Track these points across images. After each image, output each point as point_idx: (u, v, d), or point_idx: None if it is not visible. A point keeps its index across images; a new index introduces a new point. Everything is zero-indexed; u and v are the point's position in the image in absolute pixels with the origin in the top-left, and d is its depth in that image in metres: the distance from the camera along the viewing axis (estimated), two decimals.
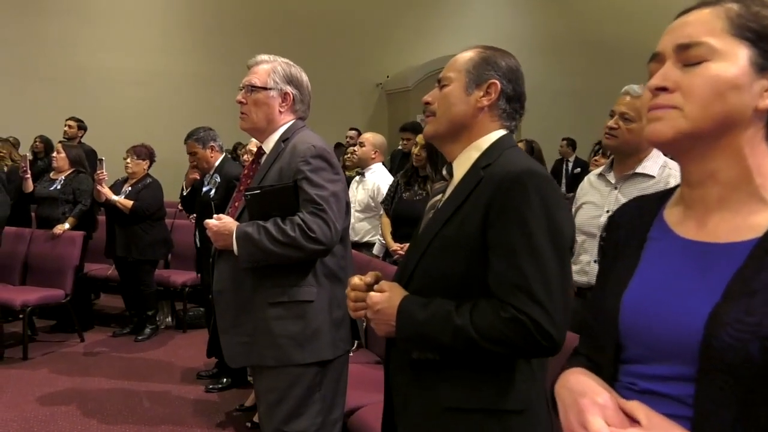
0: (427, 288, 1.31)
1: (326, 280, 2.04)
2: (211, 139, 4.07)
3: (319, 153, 2.01)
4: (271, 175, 2.05)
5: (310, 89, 2.21)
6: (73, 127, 6.67)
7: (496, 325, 1.20)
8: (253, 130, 2.16)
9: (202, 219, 4.06)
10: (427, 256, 1.34)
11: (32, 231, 5.13)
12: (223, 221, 2.02)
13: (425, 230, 1.39)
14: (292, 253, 1.94)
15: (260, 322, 2.00)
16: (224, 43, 9.29)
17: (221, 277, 2.07)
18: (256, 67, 2.14)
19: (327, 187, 1.99)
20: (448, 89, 1.40)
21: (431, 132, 1.43)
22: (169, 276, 5.36)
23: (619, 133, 2.32)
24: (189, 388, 4.02)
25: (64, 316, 5.09)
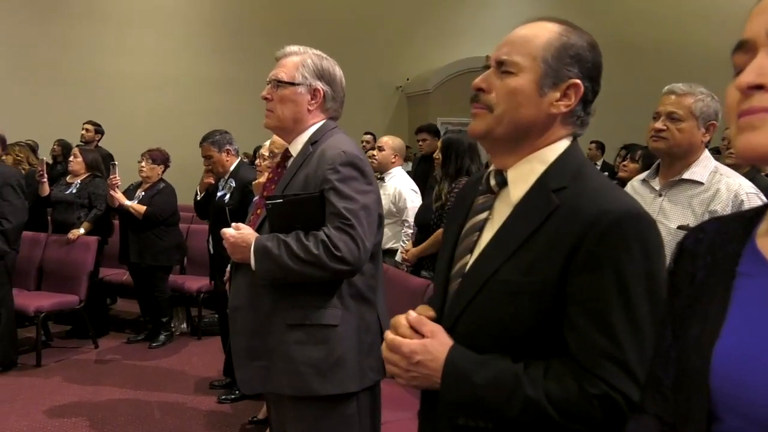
0: (478, 338, 1.07)
1: (353, 302, 1.83)
2: (227, 143, 3.98)
3: (350, 160, 1.80)
4: (296, 183, 1.85)
5: (344, 85, 1.98)
6: (90, 130, 6.66)
7: (579, 401, 0.99)
8: (279, 129, 1.96)
9: (216, 224, 4.02)
10: (480, 302, 1.09)
11: (47, 235, 5.09)
12: (242, 232, 1.83)
13: (477, 267, 1.12)
14: (314, 272, 1.74)
15: (279, 345, 1.80)
16: (242, 47, 9.25)
17: (238, 292, 1.89)
18: (284, 59, 1.94)
19: (357, 198, 1.78)
20: (514, 81, 1.10)
21: (483, 130, 1.13)
22: (184, 282, 5.29)
23: (669, 135, 2.15)
24: (202, 399, 3.92)
25: (78, 321, 5.04)
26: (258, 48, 9.27)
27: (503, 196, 1.15)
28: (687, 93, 2.17)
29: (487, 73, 1.15)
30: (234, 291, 1.92)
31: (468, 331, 1.09)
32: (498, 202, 1.16)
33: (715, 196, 2.10)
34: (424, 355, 1.07)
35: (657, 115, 2.21)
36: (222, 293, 3.82)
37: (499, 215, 1.14)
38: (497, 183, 1.16)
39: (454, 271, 1.18)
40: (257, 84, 1.99)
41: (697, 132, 2.16)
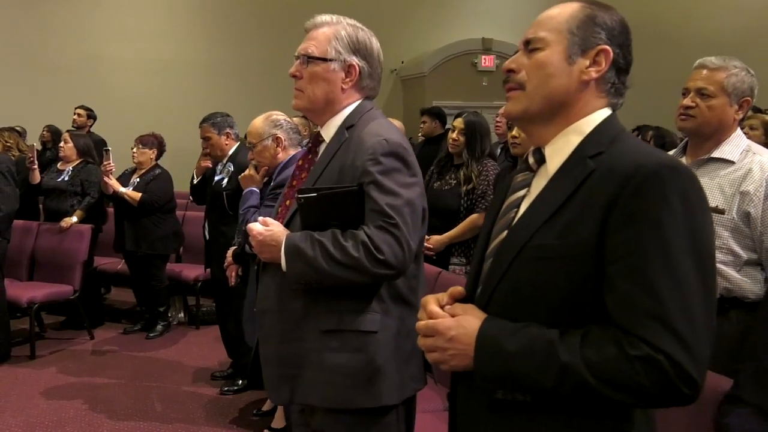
0: (514, 310, 1.04)
1: (393, 306, 1.64)
2: (228, 126, 3.85)
3: (393, 149, 1.60)
4: (329, 173, 1.65)
5: (382, 59, 1.76)
6: (82, 115, 6.47)
7: (620, 365, 0.93)
8: (309, 111, 1.75)
9: (213, 210, 3.90)
10: (515, 270, 1.06)
11: (39, 224, 4.94)
12: (271, 229, 1.65)
13: (512, 237, 1.10)
14: (353, 276, 1.56)
15: (310, 353, 1.63)
16: (235, 29, 9.05)
17: (265, 294, 1.71)
18: (315, 31, 1.71)
19: (401, 193, 1.58)
20: (542, 55, 1.10)
21: (519, 110, 1.12)
22: (181, 270, 5.16)
23: (698, 112, 2.03)
24: (203, 390, 3.82)
25: (73, 312, 4.91)
26: (251, 31, 9.09)
27: (541, 172, 1.14)
28: (719, 67, 2.05)
29: (515, 56, 1.16)
30: (261, 293, 1.75)
31: (503, 303, 1.07)
32: (536, 179, 1.15)
33: (747, 175, 2.00)
34: (457, 330, 1.05)
35: (686, 91, 2.10)
36: (219, 281, 3.71)
37: (536, 190, 1.13)
38: (536, 160, 1.15)
39: (489, 251, 1.16)
40: (249, 67, 1.81)
41: (729, 109, 2.05)
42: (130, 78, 8.64)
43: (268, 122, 2.98)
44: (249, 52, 9.00)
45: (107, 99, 7.91)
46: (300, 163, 1.83)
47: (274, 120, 2.98)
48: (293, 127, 3.05)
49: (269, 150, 2.96)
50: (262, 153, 2.98)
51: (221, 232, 3.71)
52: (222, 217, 3.70)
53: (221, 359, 4.22)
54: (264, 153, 2.97)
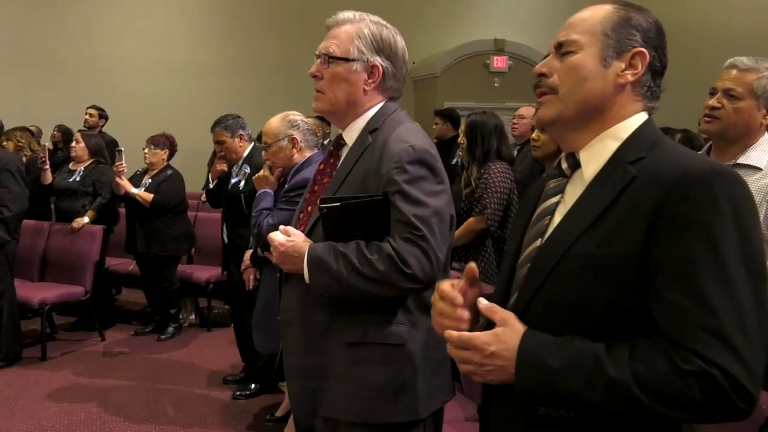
0: (554, 321, 1.00)
1: (421, 316, 1.57)
2: (240, 128, 3.79)
3: (420, 156, 1.52)
4: (352, 179, 1.58)
5: (407, 59, 1.68)
6: (94, 115, 6.45)
7: (672, 380, 0.89)
8: (330, 113, 1.68)
9: (231, 212, 3.85)
10: (554, 279, 1.02)
11: (51, 224, 4.91)
12: (293, 239, 1.59)
13: (550, 245, 1.06)
14: (379, 290, 1.50)
15: (335, 366, 1.58)
16: (248, 29, 9.01)
17: (288, 305, 1.67)
18: (337, 29, 1.64)
19: (428, 203, 1.51)
20: (576, 58, 1.07)
21: (552, 116, 1.09)
22: (192, 272, 5.12)
23: (723, 114, 1.96)
24: (216, 394, 3.77)
25: (84, 312, 4.88)
26: (264, 30, 9.05)
27: (576, 179, 1.11)
28: (750, 68, 1.97)
29: (546, 59, 1.13)
30: (284, 304, 1.70)
31: (543, 314, 1.02)
32: (570, 185, 1.11)
33: None
34: (497, 345, 1.00)
35: (713, 90, 2.02)
36: (236, 284, 3.66)
37: (571, 197, 1.09)
38: (569, 166, 1.12)
39: (522, 259, 1.13)
40: (261, 67, 1.73)
41: (757, 113, 1.97)
42: (141, 78, 8.62)
43: (285, 122, 2.90)
44: (261, 52, 8.96)
45: (119, 99, 7.90)
46: (321, 167, 1.77)
47: (291, 120, 2.91)
48: (310, 128, 2.98)
49: (285, 151, 2.89)
50: (278, 154, 2.91)
51: (239, 235, 3.66)
52: (240, 219, 3.65)
53: (233, 362, 4.17)
54: (279, 154, 2.90)
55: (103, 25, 8.56)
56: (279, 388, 3.60)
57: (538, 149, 2.76)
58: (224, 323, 5.04)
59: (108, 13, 8.60)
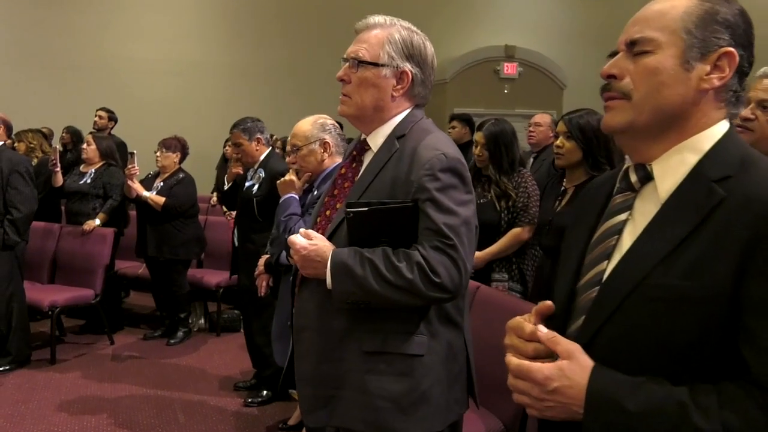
0: (624, 356, 0.91)
1: (441, 327, 1.56)
2: (258, 131, 3.75)
3: (452, 165, 1.51)
4: (378, 185, 1.55)
5: (435, 66, 1.67)
6: (103, 117, 6.42)
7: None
8: (356, 118, 1.64)
9: (244, 216, 3.80)
10: (627, 311, 0.91)
11: (61, 227, 4.88)
12: (315, 243, 1.54)
13: (622, 271, 0.95)
14: (405, 298, 1.47)
15: (351, 374, 1.55)
16: (259, 32, 8.99)
17: (304, 311, 1.63)
18: (366, 33, 1.60)
19: (458, 212, 1.49)
20: (653, 60, 0.95)
21: (622, 123, 0.98)
22: (203, 276, 5.08)
23: (756, 126, 1.92)
24: (227, 400, 3.73)
25: (93, 315, 4.84)
26: (275, 33, 9.03)
27: (647, 194, 0.99)
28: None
29: (616, 59, 1.00)
30: (300, 309, 1.66)
31: (611, 348, 0.92)
32: (640, 201, 1.00)
33: None
34: (561, 381, 0.91)
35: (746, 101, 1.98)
36: (246, 289, 3.62)
37: (642, 215, 0.98)
38: (639, 179, 1.00)
39: (584, 282, 1.02)
40: (272, 70, 1.69)
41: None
42: (152, 80, 8.61)
43: (317, 125, 2.79)
44: (272, 55, 8.94)
45: (129, 101, 7.89)
46: (342, 171, 1.73)
47: (323, 123, 2.80)
48: (341, 133, 2.88)
49: (315, 155, 2.77)
50: (308, 158, 2.78)
51: (251, 239, 3.62)
52: (252, 223, 3.61)
53: (244, 368, 4.13)
54: (309, 158, 2.78)
55: (114, 28, 8.56)
56: (290, 395, 3.56)
57: (561, 157, 2.71)
58: (234, 328, 5.00)
59: (119, 16, 8.60)
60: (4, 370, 4.05)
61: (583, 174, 2.65)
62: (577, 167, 2.67)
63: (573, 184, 2.68)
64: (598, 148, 2.60)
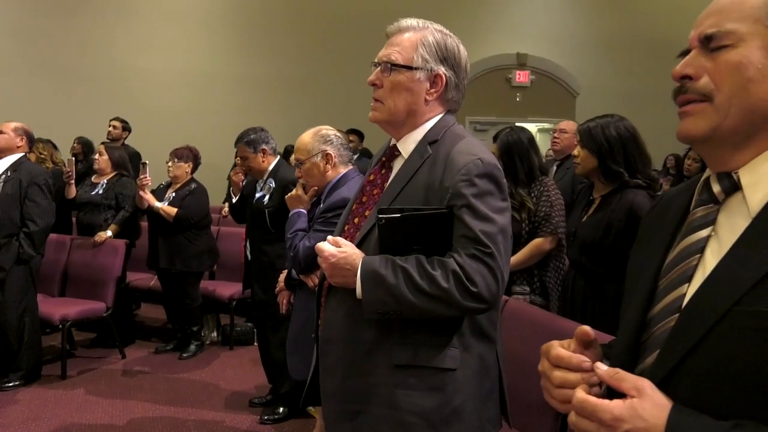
0: (710, 394, 0.79)
1: (474, 341, 1.50)
2: (263, 142, 3.67)
3: (488, 170, 1.46)
4: (410, 191, 1.49)
5: (469, 70, 1.61)
6: (117, 127, 6.37)
7: None
8: (388, 123, 1.58)
9: (255, 228, 3.71)
10: (714, 342, 0.80)
11: (72, 238, 4.81)
12: (344, 250, 1.47)
13: (707, 295, 0.82)
14: (439, 309, 1.41)
15: (379, 388, 1.47)
16: (272, 42, 8.96)
17: (332, 321, 1.56)
18: (399, 36, 1.55)
19: (495, 219, 1.44)
20: (736, 54, 0.85)
21: (705, 130, 0.87)
22: (215, 288, 4.99)
23: None
24: (242, 418, 3.62)
25: (104, 328, 4.76)
26: (288, 43, 8.99)
27: (733, 206, 0.87)
28: None
29: (689, 57, 0.89)
30: (327, 319, 1.59)
31: (694, 386, 0.79)
32: (725, 215, 0.87)
33: None
34: (633, 423, 0.77)
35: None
36: (261, 303, 3.53)
37: (728, 230, 0.85)
38: (723, 189, 0.87)
39: (659, 309, 0.89)
40: (284, 81, 1.61)
41: None
42: (162, 90, 8.58)
43: (318, 137, 2.76)
44: (283, 65, 8.89)
45: (141, 111, 7.84)
46: (371, 178, 1.67)
47: (324, 135, 2.77)
48: (344, 142, 2.84)
49: (318, 167, 2.74)
50: (311, 171, 2.76)
51: (263, 252, 3.53)
52: (264, 235, 3.52)
53: (258, 383, 4.03)
54: (313, 171, 2.75)
55: (124, 38, 8.55)
56: (309, 412, 3.45)
57: (578, 166, 2.63)
58: (247, 341, 4.90)
59: (130, 26, 8.59)
60: (14, 385, 3.97)
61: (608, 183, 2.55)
62: (595, 174, 2.58)
63: (600, 194, 2.58)
64: (610, 155, 2.50)
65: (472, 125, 9.63)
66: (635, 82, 10.65)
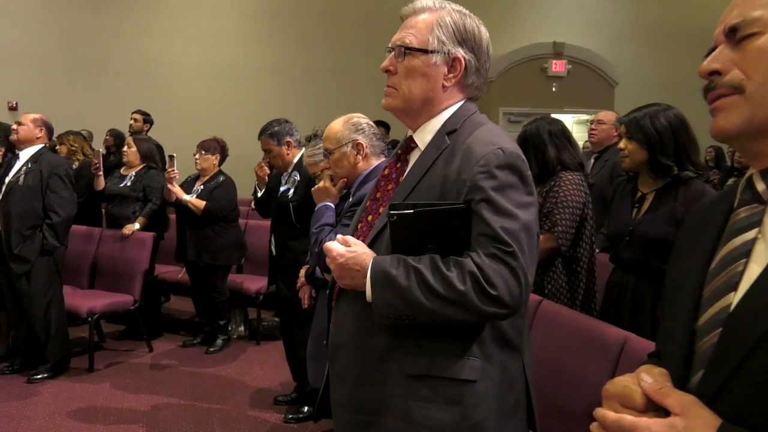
0: (762, 411, 0.72)
1: (496, 349, 1.37)
2: (287, 134, 3.58)
3: (510, 161, 1.33)
4: (426, 185, 1.38)
5: (491, 53, 1.46)
6: (138, 120, 6.35)
7: None
8: (403, 112, 1.46)
9: (279, 223, 3.62)
10: (762, 358, 0.73)
11: (101, 231, 4.81)
12: (354, 250, 1.37)
13: (753, 305, 0.76)
14: (455, 313, 1.28)
15: (393, 399, 1.36)
16: (300, 33, 8.88)
17: (341, 325, 1.46)
18: (413, 18, 1.43)
19: (517, 215, 1.30)
20: (763, 41, 0.80)
21: (738, 124, 0.82)
22: (242, 282, 4.94)
23: None
24: (266, 415, 3.55)
25: (133, 321, 4.75)
26: (316, 34, 8.91)
27: None
28: None
29: (715, 53, 0.86)
30: (337, 323, 1.48)
31: (743, 399, 0.73)
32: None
33: None
34: None
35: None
36: (286, 299, 3.44)
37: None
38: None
39: (704, 321, 0.83)
40: (317, 72, 1.49)
41: None
42: (195, 82, 8.58)
43: (348, 126, 2.56)
44: (317, 56, 8.81)
45: (170, 103, 7.86)
46: (386, 172, 1.55)
47: (355, 123, 2.57)
48: (376, 132, 2.64)
49: (348, 158, 2.54)
50: (340, 162, 2.56)
51: (288, 247, 3.44)
52: (289, 230, 3.43)
53: (284, 380, 3.96)
54: (342, 162, 2.56)
55: (155, 31, 8.56)
56: None
57: (626, 160, 2.44)
58: (274, 336, 4.84)
59: (160, 19, 8.60)
60: (42, 377, 3.97)
61: (657, 178, 2.36)
62: (645, 169, 2.39)
63: (652, 189, 2.39)
64: (660, 147, 2.30)
65: (506, 116, 9.42)
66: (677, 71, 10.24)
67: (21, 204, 3.85)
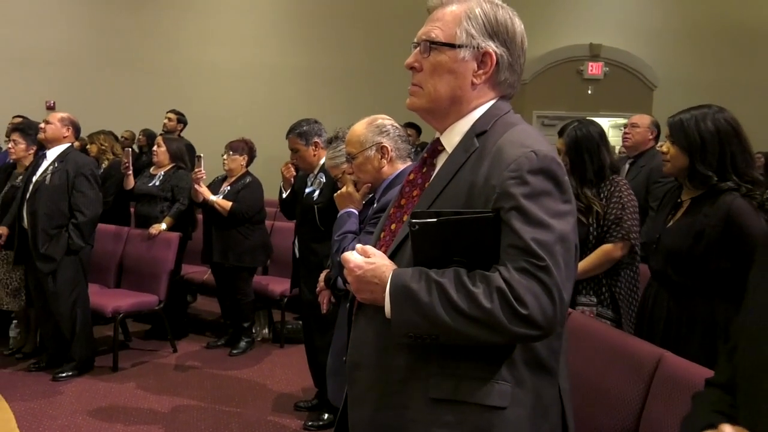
0: None
1: (528, 373, 1.24)
2: (316, 134, 3.52)
3: (544, 165, 1.19)
4: (452, 192, 1.26)
5: (526, 47, 1.34)
6: (172, 120, 6.39)
7: None
8: (429, 112, 1.35)
9: (304, 225, 3.55)
10: None
11: (129, 230, 4.83)
12: (373, 261, 1.26)
13: None
14: (481, 334, 1.15)
15: (415, 425, 1.25)
16: (332, 34, 8.86)
17: (360, 343, 1.35)
18: (441, 10, 1.32)
19: (552, 225, 1.16)
20: None
21: None
22: (267, 284, 4.90)
23: None
24: (286, 421, 3.49)
25: (159, 320, 4.75)
26: (349, 35, 8.87)
27: None
28: None
29: None
30: (355, 341, 1.37)
31: None
32: None
33: None
34: None
35: None
36: (308, 302, 3.37)
37: None
38: None
39: None
40: (350, 74, 1.39)
41: None
42: (228, 83, 8.63)
43: (372, 128, 2.45)
44: (350, 58, 8.78)
45: (204, 104, 7.91)
46: (411, 177, 1.44)
47: (379, 125, 2.46)
48: (402, 134, 2.51)
49: (372, 162, 2.43)
50: (364, 166, 2.45)
51: (312, 251, 3.38)
52: (313, 232, 3.37)
53: (305, 386, 3.90)
54: (366, 166, 2.45)
55: (192, 31, 8.65)
56: None
57: (667, 164, 2.30)
58: (298, 339, 4.74)
59: (198, 19, 8.68)
60: (67, 376, 3.99)
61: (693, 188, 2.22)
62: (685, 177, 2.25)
63: (689, 196, 2.24)
64: (701, 155, 2.13)
65: (540, 120, 9.24)
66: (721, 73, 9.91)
67: (47, 203, 3.87)
